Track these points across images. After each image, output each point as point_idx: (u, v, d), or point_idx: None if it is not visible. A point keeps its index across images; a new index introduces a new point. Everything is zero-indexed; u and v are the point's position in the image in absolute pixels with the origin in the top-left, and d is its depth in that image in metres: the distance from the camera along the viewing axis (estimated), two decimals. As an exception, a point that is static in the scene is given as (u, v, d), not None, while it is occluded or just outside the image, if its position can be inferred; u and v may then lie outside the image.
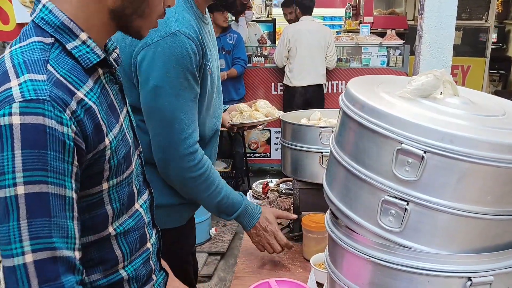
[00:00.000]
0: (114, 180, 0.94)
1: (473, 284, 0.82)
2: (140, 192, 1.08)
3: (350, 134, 0.94)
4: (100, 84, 0.93)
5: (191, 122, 1.41)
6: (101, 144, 0.88)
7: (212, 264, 3.61)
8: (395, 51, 5.47)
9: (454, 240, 0.84)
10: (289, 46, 4.94)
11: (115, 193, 0.96)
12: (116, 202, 0.97)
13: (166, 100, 1.35)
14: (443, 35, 3.03)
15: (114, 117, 0.95)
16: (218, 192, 1.51)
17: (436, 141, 0.78)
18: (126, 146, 0.97)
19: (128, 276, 1.03)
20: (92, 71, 0.91)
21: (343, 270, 0.98)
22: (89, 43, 0.90)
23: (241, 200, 1.57)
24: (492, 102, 1.02)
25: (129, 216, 1.03)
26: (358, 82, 1.02)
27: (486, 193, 0.80)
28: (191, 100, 1.40)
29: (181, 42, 1.33)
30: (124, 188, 0.98)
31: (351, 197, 0.93)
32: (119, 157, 0.94)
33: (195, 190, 1.48)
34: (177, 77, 1.34)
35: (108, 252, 0.98)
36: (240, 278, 1.60)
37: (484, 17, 7.32)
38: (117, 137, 0.93)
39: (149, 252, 1.10)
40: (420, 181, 0.81)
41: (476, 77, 6.96)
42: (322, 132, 1.73)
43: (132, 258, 1.04)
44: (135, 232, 1.04)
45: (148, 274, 1.10)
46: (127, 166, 0.98)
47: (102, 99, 0.92)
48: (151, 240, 1.12)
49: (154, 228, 1.17)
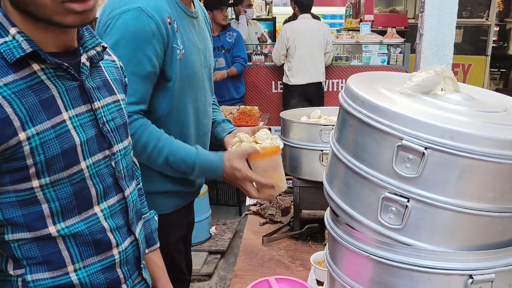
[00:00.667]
0: (46, 179, 0.91)
1: (474, 282, 0.81)
2: (105, 196, 1.02)
3: (350, 131, 0.93)
4: (32, 80, 0.89)
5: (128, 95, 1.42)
6: (12, 139, 0.86)
7: (212, 263, 3.61)
8: (396, 49, 5.47)
9: (455, 237, 0.83)
10: (288, 45, 4.93)
11: (51, 192, 0.92)
12: (54, 201, 0.93)
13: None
14: (444, 33, 3.02)
15: (47, 114, 0.90)
16: (160, 150, 1.49)
17: (437, 137, 0.77)
18: (64, 144, 0.92)
19: (79, 281, 0.98)
20: (22, 66, 0.88)
21: (343, 268, 0.97)
22: (17, 38, 0.87)
23: (193, 154, 1.54)
24: (493, 99, 1.01)
25: (82, 219, 0.98)
26: (358, 79, 1.01)
27: (487, 190, 0.80)
28: (135, 74, 1.42)
29: (139, 19, 1.38)
30: (66, 188, 0.94)
31: (351, 194, 0.92)
32: (49, 154, 0.90)
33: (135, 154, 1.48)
34: (126, 49, 1.39)
35: (53, 252, 0.95)
36: (240, 276, 1.60)
37: (485, 15, 7.30)
38: (43, 133, 0.89)
39: (114, 259, 1.04)
40: (421, 178, 0.80)
41: (477, 75, 6.95)
42: (322, 130, 1.73)
43: (86, 263, 0.99)
44: (86, 236, 0.98)
45: (110, 283, 1.04)
46: (67, 165, 0.93)
47: (29, 94, 0.88)
48: (119, 247, 1.05)
49: (131, 235, 1.10)
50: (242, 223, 4.13)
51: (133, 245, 1.11)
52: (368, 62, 5.45)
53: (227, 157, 1.56)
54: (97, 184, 1.00)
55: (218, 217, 4.31)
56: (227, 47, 4.79)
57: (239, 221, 4.25)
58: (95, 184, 1.00)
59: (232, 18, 6.30)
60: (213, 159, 1.56)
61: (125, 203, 1.09)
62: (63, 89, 0.94)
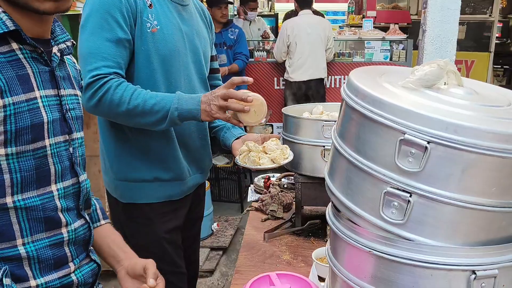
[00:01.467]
0: (13, 148, 0.98)
1: (477, 278, 0.80)
2: (62, 176, 1.10)
3: (352, 125, 0.92)
4: (11, 56, 0.99)
5: (102, 58, 1.49)
6: None
7: (214, 259, 3.61)
8: (398, 46, 5.45)
9: (458, 233, 0.82)
10: (289, 41, 4.92)
11: (15, 162, 0.99)
12: (17, 172, 0.99)
13: (84, 37, 1.51)
14: (447, 29, 3.01)
15: (22, 88, 0.99)
16: (136, 98, 1.49)
17: (439, 131, 0.76)
18: (34, 119, 1.00)
19: (27, 255, 1.03)
20: (3, 43, 0.98)
21: (345, 263, 0.96)
22: (1, 16, 0.97)
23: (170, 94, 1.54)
24: (496, 93, 1.00)
25: (38, 194, 1.04)
26: (360, 73, 1.00)
27: (491, 185, 0.79)
28: (107, 40, 1.50)
29: None
30: (29, 161, 1.01)
31: (353, 189, 0.91)
32: (20, 125, 0.97)
33: (114, 109, 1.50)
34: (97, 17, 1.50)
35: (4, 224, 1.00)
36: (241, 272, 1.59)
37: (488, 12, 7.27)
38: (18, 105, 0.97)
39: (62, 237, 1.10)
40: (424, 172, 0.80)
41: (480, 72, 6.92)
42: (324, 126, 1.72)
43: (35, 237, 1.05)
44: (39, 212, 1.04)
45: (57, 259, 1.10)
46: (34, 138, 1.01)
47: (8, 67, 0.97)
48: (68, 227, 1.11)
49: (81, 219, 1.17)
50: (244, 219, 4.12)
51: (84, 228, 1.18)
52: (370, 59, 5.43)
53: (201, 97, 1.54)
54: (57, 164, 1.08)
55: (220, 214, 4.31)
56: (229, 43, 4.78)
57: (241, 217, 4.25)
58: (55, 163, 1.07)
59: (234, 14, 6.28)
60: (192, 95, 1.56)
61: (79, 187, 1.16)
62: (36, 70, 1.04)
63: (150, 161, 1.66)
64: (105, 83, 1.48)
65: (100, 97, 1.48)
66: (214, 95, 1.50)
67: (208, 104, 1.50)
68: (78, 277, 1.15)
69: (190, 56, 1.70)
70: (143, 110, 1.50)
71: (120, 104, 1.49)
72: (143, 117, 1.51)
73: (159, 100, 1.51)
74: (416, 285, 0.84)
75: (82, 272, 1.17)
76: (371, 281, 0.89)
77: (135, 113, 1.50)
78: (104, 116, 1.60)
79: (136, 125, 1.57)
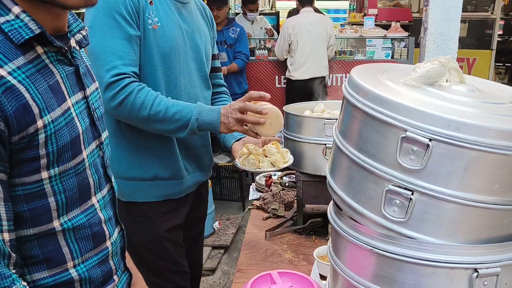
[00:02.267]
0: (55, 169, 0.88)
1: (479, 276, 0.80)
2: (100, 186, 1.02)
3: (353, 123, 0.92)
4: (39, 63, 0.85)
5: (118, 57, 1.49)
6: (30, 126, 0.81)
7: (215, 258, 3.61)
8: (400, 44, 5.44)
9: (460, 231, 0.82)
10: (290, 40, 4.91)
11: (58, 183, 0.89)
12: (61, 194, 0.90)
13: (96, 38, 1.47)
14: (449, 27, 3.00)
15: (57, 100, 0.87)
16: (159, 105, 1.51)
17: (441, 128, 0.76)
18: (72, 133, 0.90)
19: (80, 277, 0.97)
20: (28, 49, 0.83)
21: (346, 262, 0.96)
22: (22, 17, 0.82)
23: (192, 104, 1.56)
24: (498, 90, 1.00)
25: (82, 211, 0.96)
26: (362, 70, 1.00)
27: (493, 182, 0.78)
28: (120, 38, 1.50)
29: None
30: (71, 179, 0.92)
31: (354, 187, 0.91)
32: (60, 144, 0.87)
33: (134, 113, 1.50)
34: (105, 16, 1.49)
35: (53, 249, 0.92)
36: (243, 270, 1.59)
37: (490, 9, 7.25)
38: (57, 121, 0.86)
39: (108, 251, 1.04)
40: (425, 170, 0.79)
41: (481, 69, 6.91)
42: (325, 124, 1.72)
43: (85, 257, 0.98)
44: (86, 229, 0.97)
45: (105, 275, 1.04)
46: (74, 154, 0.91)
47: (39, 78, 0.84)
48: (111, 238, 1.05)
49: (118, 226, 1.11)
50: (245, 218, 4.12)
51: (120, 235, 1.12)
52: (372, 56, 5.42)
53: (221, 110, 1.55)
54: (94, 175, 0.99)
55: (221, 212, 4.31)
56: (229, 42, 4.78)
57: (242, 216, 4.25)
58: (92, 174, 0.99)
59: (238, 13, 6.28)
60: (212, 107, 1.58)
61: (113, 193, 1.09)
62: (64, 74, 0.91)
63: (149, 159, 1.66)
64: (127, 85, 1.48)
65: (122, 100, 1.48)
66: (232, 108, 1.52)
67: (226, 117, 1.53)
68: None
69: (190, 54, 1.70)
70: (164, 117, 1.51)
71: (142, 109, 1.50)
72: (163, 124, 1.53)
73: (180, 109, 1.52)
74: (418, 283, 0.83)
75: (121, 283, 1.12)
76: (372, 280, 0.89)
77: (155, 119, 1.51)
78: (122, 118, 1.58)
79: (154, 130, 1.58)
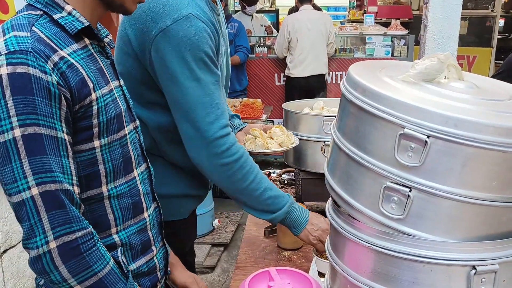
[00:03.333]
0: (105, 139, 1.02)
1: (477, 273, 0.80)
2: (139, 162, 1.15)
3: (351, 119, 0.91)
4: (87, 51, 1.02)
5: (216, 105, 1.33)
6: (87, 98, 0.96)
7: (215, 256, 3.61)
8: (400, 41, 5.43)
9: (458, 228, 0.82)
10: (289, 37, 4.90)
11: (107, 152, 1.03)
12: (109, 162, 1.04)
13: (187, 85, 1.30)
14: (449, 24, 3.00)
15: (104, 81, 1.03)
16: (259, 182, 1.40)
17: (439, 125, 0.76)
18: (117, 109, 1.05)
19: (121, 242, 1.08)
20: (78, 39, 1.00)
21: (344, 258, 0.96)
22: (74, 13, 0.99)
23: (286, 195, 1.47)
24: (497, 87, 0.99)
25: (126, 181, 1.09)
26: (360, 67, 0.99)
27: (491, 179, 0.78)
28: (212, 83, 1.34)
29: (196, 25, 1.28)
30: (117, 150, 1.05)
31: (352, 184, 0.91)
32: (109, 115, 1.01)
33: (233, 179, 1.39)
34: (194, 60, 1.29)
35: (100, 215, 1.04)
36: (241, 268, 1.59)
37: (490, 7, 7.24)
38: (105, 96, 1.01)
39: (145, 222, 1.15)
40: (423, 167, 0.79)
41: (482, 67, 6.90)
42: (324, 121, 1.72)
43: (126, 225, 1.09)
44: (128, 198, 1.09)
45: (144, 244, 1.14)
46: (119, 128, 1.06)
47: (89, 62, 1.00)
48: (148, 211, 1.17)
49: (155, 202, 1.23)
50: (245, 215, 4.12)
51: (156, 211, 1.23)
52: (372, 54, 5.42)
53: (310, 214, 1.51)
54: (134, 151, 1.13)
55: (221, 210, 4.31)
56: (229, 38, 4.78)
57: (242, 213, 4.25)
58: (133, 150, 1.12)
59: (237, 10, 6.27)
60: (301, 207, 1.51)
61: (149, 171, 1.21)
62: (104, 63, 1.07)
63: (180, 176, 1.54)
64: (234, 145, 1.36)
65: (228, 163, 1.36)
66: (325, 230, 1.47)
67: (314, 229, 1.48)
68: (158, 260, 1.20)
69: (225, 71, 1.60)
70: (257, 196, 1.41)
71: (242, 181, 1.39)
72: (251, 200, 1.43)
73: (276, 195, 1.43)
74: (416, 280, 0.83)
75: (160, 255, 1.22)
76: (371, 276, 0.89)
77: (248, 193, 1.41)
78: (215, 175, 1.40)
79: (235, 197, 1.46)
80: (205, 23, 1.30)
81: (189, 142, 1.36)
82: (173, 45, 1.27)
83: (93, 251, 0.94)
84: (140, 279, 1.14)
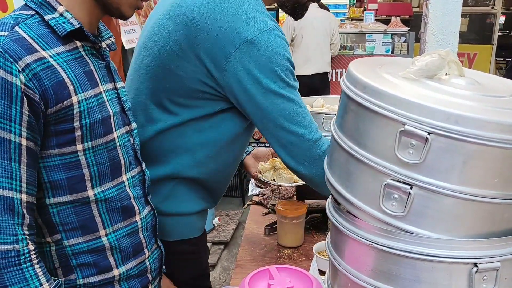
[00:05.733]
0: (89, 143, 1.01)
1: (479, 270, 0.79)
2: (129, 166, 1.15)
3: (351, 116, 0.91)
4: (76, 53, 1.02)
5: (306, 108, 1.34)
6: (66, 100, 0.96)
7: (215, 254, 3.61)
8: (400, 38, 5.42)
9: (460, 225, 0.81)
10: (294, 34, 4.88)
11: (91, 156, 1.03)
12: (94, 166, 1.03)
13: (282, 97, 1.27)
14: (449, 21, 2.98)
15: (90, 84, 1.03)
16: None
17: (441, 122, 0.75)
18: (103, 113, 1.04)
19: (110, 245, 1.09)
20: (68, 41, 1.00)
21: (345, 257, 0.95)
22: (65, 15, 0.99)
23: None
24: (498, 83, 0.99)
25: (114, 185, 1.09)
26: (360, 64, 0.99)
27: (493, 176, 0.77)
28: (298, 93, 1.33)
29: (280, 39, 1.26)
30: (103, 154, 1.05)
31: (352, 182, 0.90)
32: (93, 119, 1.01)
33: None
34: (284, 71, 1.27)
35: (87, 217, 1.05)
36: (242, 266, 1.59)
37: (491, 4, 7.23)
38: (90, 99, 1.01)
39: (137, 225, 1.16)
40: (424, 164, 0.78)
41: (482, 64, 6.89)
42: (324, 119, 1.71)
43: (115, 228, 1.10)
44: (116, 202, 1.09)
45: (135, 247, 1.15)
46: (105, 132, 1.05)
47: (76, 64, 1.00)
48: (140, 214, 1.17)
49: (148, 206, 1.23)
50: (245, 214, 4.12)
51: (151, 214, 1.23)
52: (372, 51, 5.41)
53: None
54: (124, 155, 1.12)
55: (221, 208, 4.31)
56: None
57: (242, 212, 4.25)
58: (123, 154, 1.12)
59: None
60: None
61: (143, 175, 1.21)
62: (97, 65, 1.07)
63: (200, 192, 1.46)
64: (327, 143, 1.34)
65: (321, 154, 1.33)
66: None
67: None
68: (150, 262, 1.21)
69: None
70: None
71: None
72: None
73: None
74: (417, 278, 0.83)
75: (153, 257, 1.23)
76: (371, 275, 0.88)
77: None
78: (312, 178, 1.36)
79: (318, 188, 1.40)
80: (283, 38, 1.29)
81: (291, 149, 1.32)
82: (262, 58, 1.23)
83: (13, 270, 0.90)
84: (129, 281, 1.15)
